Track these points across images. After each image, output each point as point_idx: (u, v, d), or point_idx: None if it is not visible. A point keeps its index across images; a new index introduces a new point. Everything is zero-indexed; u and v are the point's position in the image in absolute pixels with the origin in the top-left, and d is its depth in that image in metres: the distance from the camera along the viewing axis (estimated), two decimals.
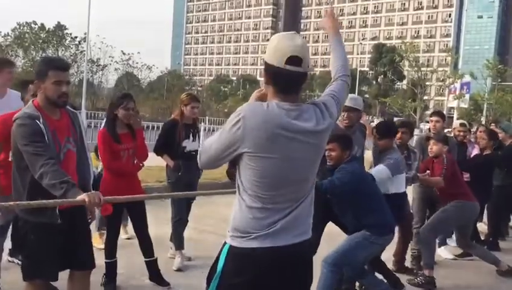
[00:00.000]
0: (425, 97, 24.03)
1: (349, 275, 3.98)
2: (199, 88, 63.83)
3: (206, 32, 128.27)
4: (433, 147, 4.91)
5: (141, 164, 4.35)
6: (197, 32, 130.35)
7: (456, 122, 6.53)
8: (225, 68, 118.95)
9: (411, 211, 5.49)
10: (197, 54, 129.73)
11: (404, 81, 74.45)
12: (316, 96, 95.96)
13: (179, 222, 4.93)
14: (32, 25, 34.92)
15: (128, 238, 5.53)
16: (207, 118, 13.32)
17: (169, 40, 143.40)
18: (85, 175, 3.08)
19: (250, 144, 2.03)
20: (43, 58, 3.91)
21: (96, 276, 3.78)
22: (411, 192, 5.55)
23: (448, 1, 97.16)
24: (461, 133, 6.18)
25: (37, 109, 2.87)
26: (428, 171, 4.92)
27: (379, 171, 4.19)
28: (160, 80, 68.59)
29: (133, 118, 4.12)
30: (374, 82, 76.37)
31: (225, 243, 2.18)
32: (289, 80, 2.09)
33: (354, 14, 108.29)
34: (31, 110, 2.86)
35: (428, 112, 24.77)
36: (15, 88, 4.35)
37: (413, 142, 6.30)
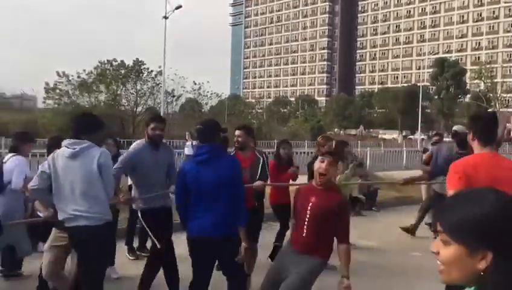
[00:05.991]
0: (489, 109, 23.63)
1: None
2: (259, 110, 65.65)
3: (263, 55, 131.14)
4: None
5: None
6: (254, 56, 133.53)
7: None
8: (283, 90, 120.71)
9: None
10: (255, 78, 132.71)
11: (468, 95, 72.60)
12: (376, 114, 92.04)
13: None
14: (113, 62, 37.47)
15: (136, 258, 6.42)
16: (275, 141, 14.06)
17: (228, 65, 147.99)
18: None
19: None
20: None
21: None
22: None
23: (509, 10, 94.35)
24: None
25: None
26: None
27: None
28: (221, 104, 71.17)
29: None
30: (436, 97, 74.53)
31: None
32: None
33: (411, 29, 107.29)
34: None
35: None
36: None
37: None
